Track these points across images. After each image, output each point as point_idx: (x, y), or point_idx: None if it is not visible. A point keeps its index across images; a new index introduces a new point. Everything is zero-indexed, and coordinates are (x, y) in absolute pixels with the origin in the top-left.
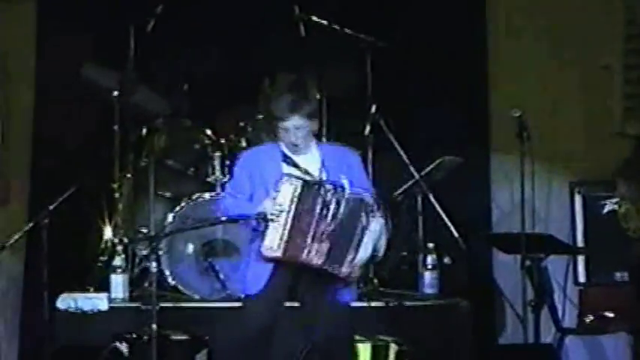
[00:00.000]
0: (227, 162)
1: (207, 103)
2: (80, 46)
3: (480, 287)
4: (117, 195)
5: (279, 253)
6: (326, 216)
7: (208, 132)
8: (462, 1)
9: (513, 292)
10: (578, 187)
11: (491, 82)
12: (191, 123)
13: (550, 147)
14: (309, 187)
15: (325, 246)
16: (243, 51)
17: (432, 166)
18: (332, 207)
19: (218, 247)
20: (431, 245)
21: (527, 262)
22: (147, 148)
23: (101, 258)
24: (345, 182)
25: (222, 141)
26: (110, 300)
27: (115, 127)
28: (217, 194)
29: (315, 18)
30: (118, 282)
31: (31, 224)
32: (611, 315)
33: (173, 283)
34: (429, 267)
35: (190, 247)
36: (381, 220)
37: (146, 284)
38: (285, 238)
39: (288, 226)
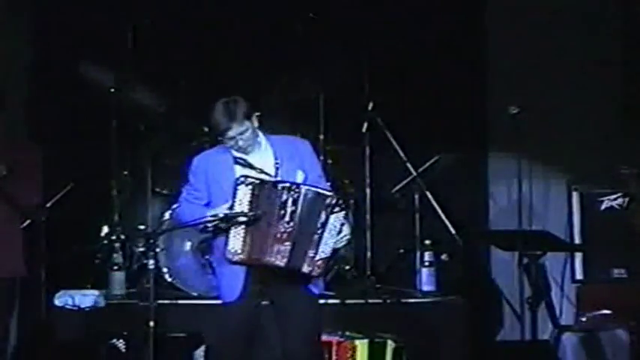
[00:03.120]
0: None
1: (205, 101)
2: (77, 43)
3: (478, 284)
4: (114, 192)
5: (243, 256)
6: (284, 216)
7: (206, 129)
8: (461, 0)
9: (511, 289)
10: (576, 185)
11: (489, 80)
12: (188, 120)
13: (547, 144)
14: (264, 187)
15: (287, 246)
16: (242, 49)
17: (429, 164)
18: (289, 206)
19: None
20: (428, 242)
21: (525, 260)
22: (144, 146)
23: (99, 255)
24: (300, 175)
25: (220, 138)
26: (108, 297)
27: (113, 124)
28: None
29: (312, 16)
30: (116, 279)
31: (28, 221)
32: (609, 312)
33: (171, 280)
34: (427, 264)
35: (188, 244)
36: (341, 215)
37: (144, 281)
38: (248, 240)
39: (249, 229)
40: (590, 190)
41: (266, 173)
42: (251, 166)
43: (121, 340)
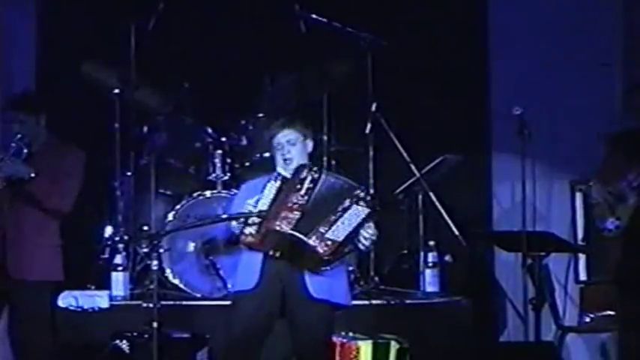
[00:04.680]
0: (228, 160)
1: (209, 101)
2: (80, 43)
3: (481, 285)
4: (118, 193)
5: (254, 239)
6: (299, 190)
7: (209, 130)
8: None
9: (514, 291)
10: (579, 186)
11: (492, 80)
12: (192, 121)
13: (551, 145)
14: (288, 181)
15: (295, 215)
16: (245, 49)
17: (432, 164)
18: (307, 183)
19: (219, 245)
20: (432, 243)
21: (528, 261)
22: (148, 147)
23: (102, 256)
24: None
25: (223, 139)
26: (111, 298)
27: (116, 125)
28: (218, 192)
29: (315, 16)
30: (119, 280)
31: None
32: (612, 313)
33: (174, 281)
34: (430, 265)
35: (191, 245)
36: (365, 211)
37: (147, 282)
38: (263, 224)
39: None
40: None
41: None
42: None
43: (124, 341)
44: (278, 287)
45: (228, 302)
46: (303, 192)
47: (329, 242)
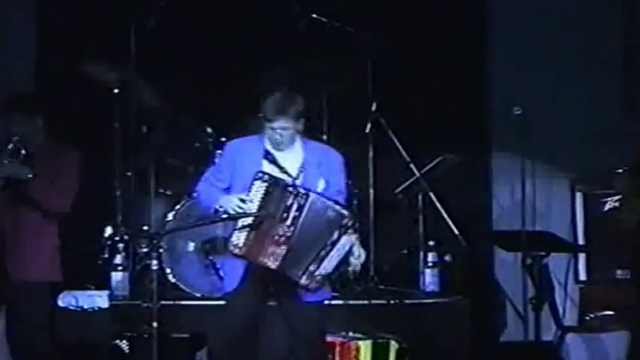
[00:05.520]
0: None
1: (208, 101)
2: (80, 43)
3: (481, 285)
4: (117, 193)
5: (241, 252)
6: (286, 219)
7: (209, 130)
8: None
9: (514, 290)
10: (579, 185)
11: (492, 80)
12: (192, 121)
13: (551, 145)
14: (277, 188)
15: (282, 250)
16: (245, 48)
17: (432, 164)
18: (293, 211)
19: (218, 245)
20: (432, 243)
21: (528, 260)
22: (147, 146)
23: (102, 256)
24: (322, 183)
25: (223, 139)
26: (111, 298)
27: (116, 125)
28: None
29: (315, 15)
30: (119, 280)
31: None
32: (612, 313)
33: (174, 280)
34: (430, 265)
35: (191, 245)
36: (354, 236)
37: (147, 282)
38: (251, 237)
39: (253, 227)
40: (593, 191)
41: (288, 174)
42: (276, 163)
43: (124, 341)
44: (261, 289)
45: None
46: (289, 222)
47: (319, 278)
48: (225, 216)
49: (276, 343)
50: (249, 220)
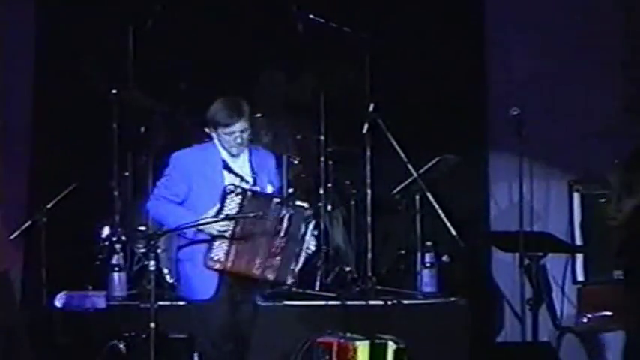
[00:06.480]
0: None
1: (207, 101)
2: (80, 44)
3: (479, 285)
4: (115, 193)
5: (224, 266)
6: (279, 231)
7: (207, 130)
8: (461, 0)
9: (512, 291)
10: (577, 186)
11: (489, 81)
12: (191, 121)
13: (549, 145)
14: (250, 199)
15: (277, 261)
16: (243, 49)
17: (430, 165)
18: (284, 223)
19: None
20: (429, 243)
21: (526, 261)
22: (145, 147)
23: (99, 256)
24: (270, 188)
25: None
26: (108, 298)
27: (114, 126)
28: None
29: (313, 16)
30: (117, 280)
31: (28, 223)
32: (610, 313)
33: (171, 281)
34: (428, 265)
35: None
36: (311, 225)
37: (144, 282)
38: (232, 250)
39: (235, 241)
40: (591, 191)
41: (245, 181)
42: (231, 170)
43: (121, 342)
44: (240, 294)
45: None
46: (282, 233)
47: (295, 273)
48: (222, 216)
49: (273, 344)
50: (227, 234)
